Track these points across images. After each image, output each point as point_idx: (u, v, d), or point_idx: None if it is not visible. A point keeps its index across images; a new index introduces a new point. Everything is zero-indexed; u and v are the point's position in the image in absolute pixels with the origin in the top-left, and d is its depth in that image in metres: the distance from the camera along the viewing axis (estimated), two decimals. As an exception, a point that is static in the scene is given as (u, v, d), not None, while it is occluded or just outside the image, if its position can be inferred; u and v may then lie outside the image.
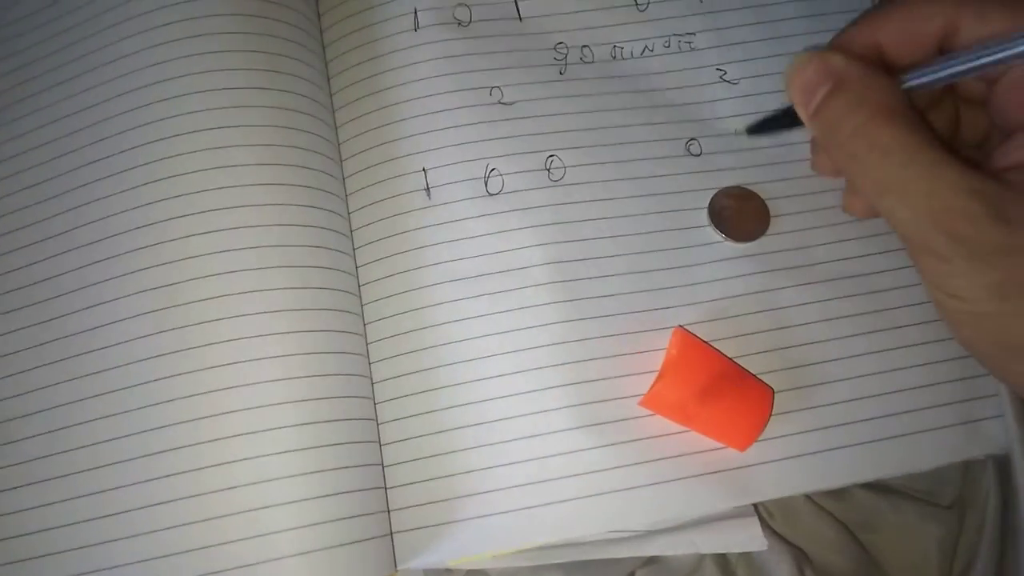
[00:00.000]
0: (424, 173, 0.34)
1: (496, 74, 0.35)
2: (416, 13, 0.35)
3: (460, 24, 0.35)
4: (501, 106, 0.34)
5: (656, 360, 0.31)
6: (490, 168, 0.33)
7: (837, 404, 0.31)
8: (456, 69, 0.34)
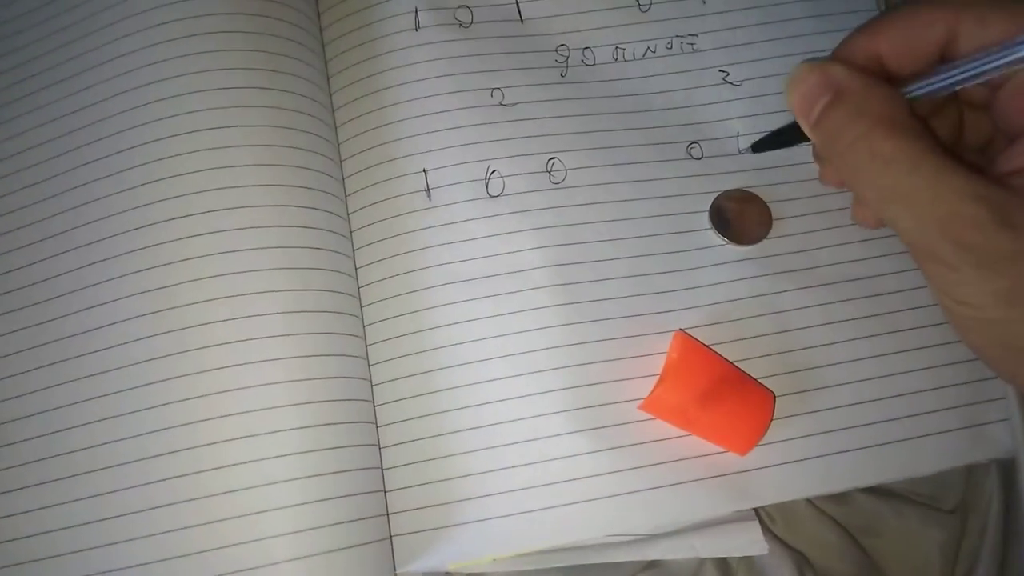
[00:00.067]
0: (424, 174, 0.33)
1: (497, 75, 0.34)
2: (417, 13, 0.35)
3: (461, 25, 0.35)
4: (502, 108, 0.34)
5: (657, 364, 0.31)
6: (491, 170, 0.33)
7: (839, 408, 0.31)
8: (457, 70, 0.34)
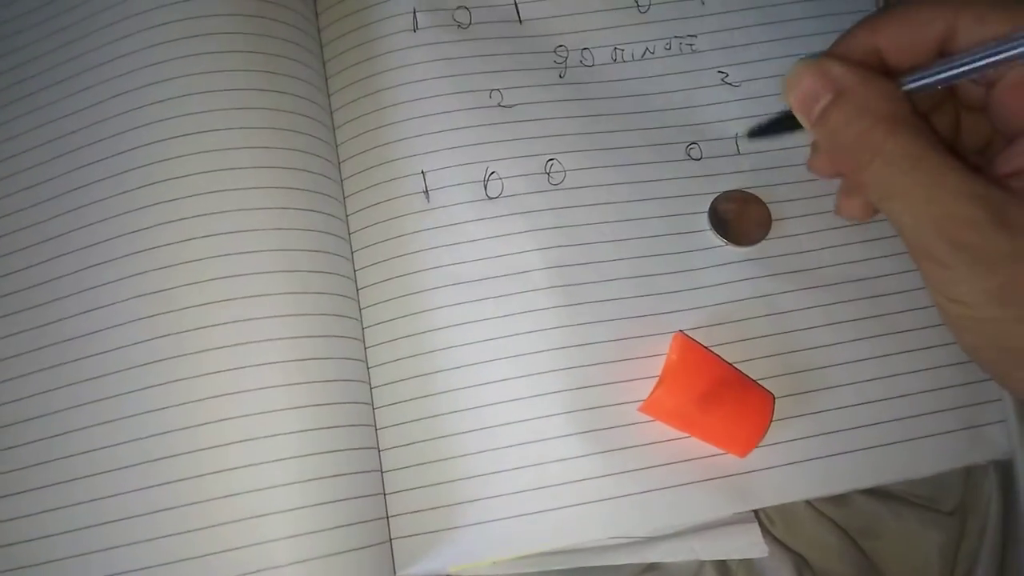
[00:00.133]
0: (423, 176, 0.33)
1: (496, 76, 0.34)
2: (415, 14, 0.35)
3: (460, 26, 0.35)
4: (501, 109, 0.34)
5: (656, 365, 0.31)
6: (489, 171, 0.33)
7: (839, 409, 0.31)
8: (456, 71, 0.34)
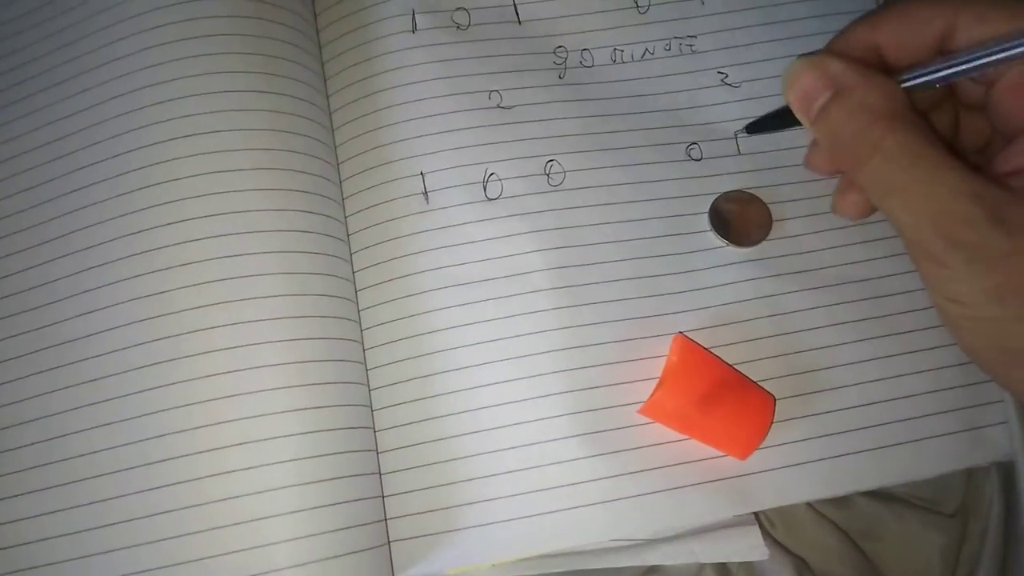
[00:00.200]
0: (422, 177, 0.33)
1: (495, 78, 0.34)
2: (414, 15, 0.35)
3: (459, 27, 0.35)
4: (500, 110, 0.34)
5: (656, 367, 0.31)
6: (489, 172, 0.33)
7: (840, 411, 0.31)
8: (454, 72, 0.34)
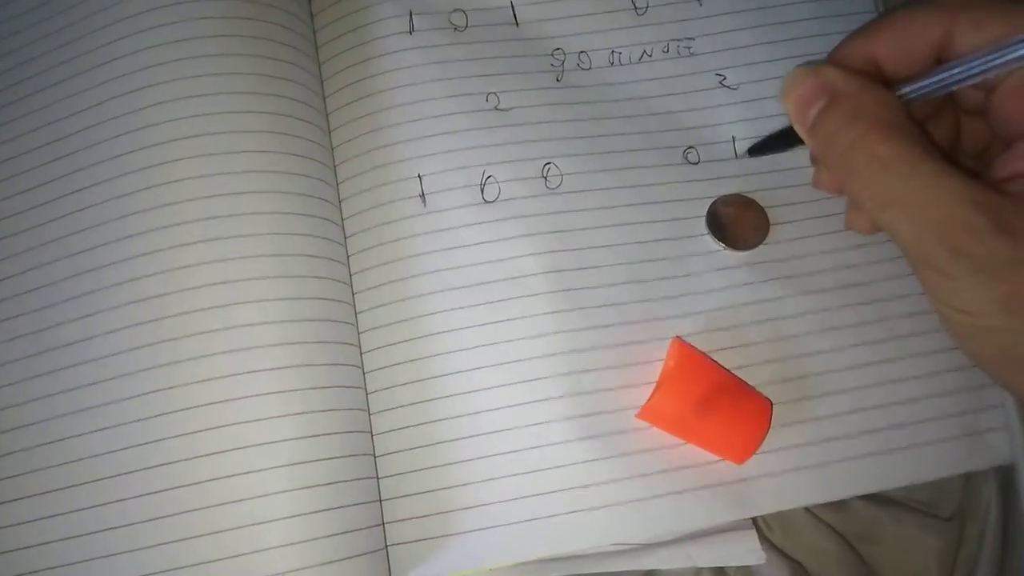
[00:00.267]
0: (419, 179, 0.33)
1: (492, 80, 0.34)
2: (411, 16, 0.35)
3: (456, 29, 0.35)
4: (497, 112, 0.34)
5: (654, 371, 0.31)
6: (486, 175, 0.33)
7: (838, 416, 0.31)
8: (452, 74, 0.34)
